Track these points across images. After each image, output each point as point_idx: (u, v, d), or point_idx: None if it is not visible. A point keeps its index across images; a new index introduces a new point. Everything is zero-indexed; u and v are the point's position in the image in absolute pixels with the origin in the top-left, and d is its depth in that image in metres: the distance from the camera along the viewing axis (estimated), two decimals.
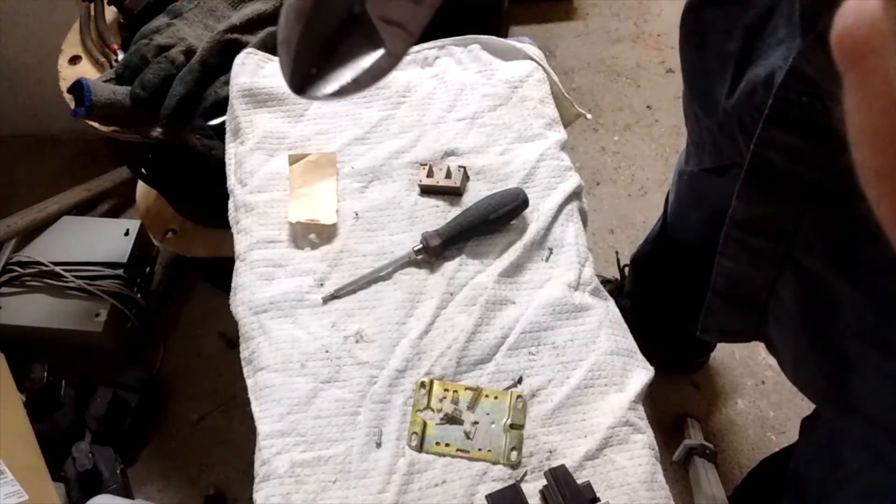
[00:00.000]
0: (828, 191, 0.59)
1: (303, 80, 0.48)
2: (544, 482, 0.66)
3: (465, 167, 0.86)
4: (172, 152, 1.09)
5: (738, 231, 0.70)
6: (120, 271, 1.47)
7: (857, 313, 0.62)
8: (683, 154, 1.02)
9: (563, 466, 0.66)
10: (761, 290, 0.72)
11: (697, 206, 1.03)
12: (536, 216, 0.83)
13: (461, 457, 0.69)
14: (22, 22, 1.58)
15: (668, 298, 1.29)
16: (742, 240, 0.70)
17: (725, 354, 1.52)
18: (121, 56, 1.09)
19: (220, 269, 1.11)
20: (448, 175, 0.85)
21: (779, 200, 0.64)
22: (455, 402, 0.71)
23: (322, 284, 0.79)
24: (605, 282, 1.48)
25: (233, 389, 1.47)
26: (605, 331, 0.76)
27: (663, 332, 1.36)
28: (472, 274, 0.80)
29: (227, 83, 0.97)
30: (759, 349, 1.48)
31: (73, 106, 0.99)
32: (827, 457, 0.82)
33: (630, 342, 0.78)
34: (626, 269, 1.43)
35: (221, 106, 0.98)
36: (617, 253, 1.53)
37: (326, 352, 0.74)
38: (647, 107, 1.92)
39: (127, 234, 1.52)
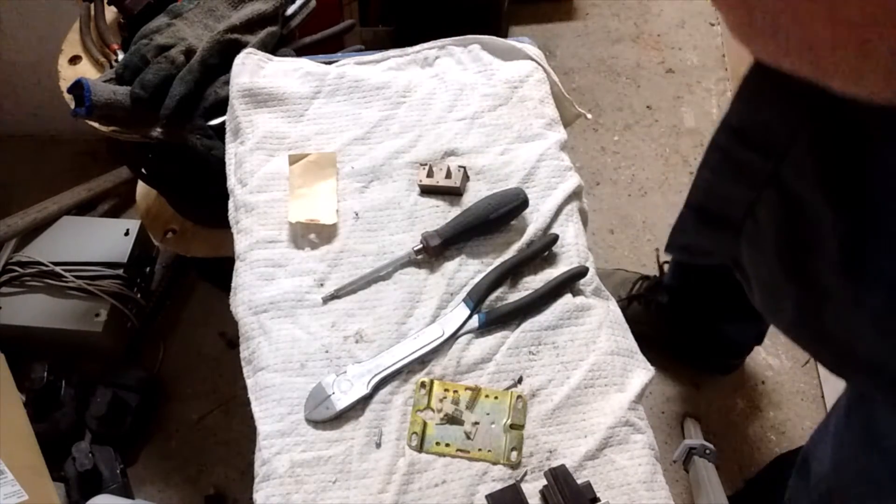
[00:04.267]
0: (830, 106, 0.57)
1: None
2: (544, 482, 0.66)
3: (465, 167, 0.86)
4: (172, 152, 1.09)
5: (729, 139, 0.67)
6: (120, 271, 1.47)
7: (839, 243, 0.60)
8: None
9: (563, 466, 0.66)
10: (738, 209, 0.69)
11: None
12: (536, 216, 0.83)
13: (461, 457, 0.69)
14: (22, 22, 1.57)
15: (709, 292, 1.27)
16: (730, 150, 0.68)
17: None
18: (121, 56, 1.08)
19: (220, 269, 1.11)
20: (448, 175, 0.85)
21: (780, 105, 0.61)
22: (455, 402, 0.71)
23: (322, 284, 0.79)
24: (645, 279, 1.48)
25: (233, 389, 1.47)
26: (605, 331, 0.76)
27: (700, 329, 1.37)
28: (472, 274, 0.80)
29: (227, 83, 0.97)
30: (759, 350, 1.48)
31: (73, 106, 0.99)
32: (829, 437, 0.82)
33: (630, 342, 0.78)
34: (665, 266, 1.43)
35: (221, 106, 0.98)
36: (657, 250, 1.51)
37: (326, 352, 0.74)
38: (647, 107, 1.92)
39: (127, 234, 1.52)
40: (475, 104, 0.93)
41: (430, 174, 0.85)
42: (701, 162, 0.72)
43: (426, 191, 0.86)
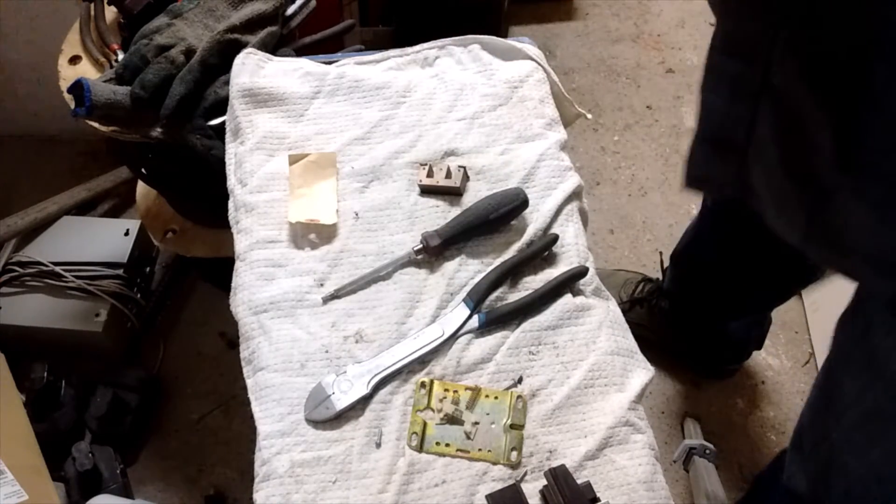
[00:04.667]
0: (798, 7, 0.60)
1: None
2: (544, 482, 0.66)
3: (465, 167, 0.86)
4: (172, 152, 1.09)
5: (718, 55, 0.72)
6: (120, 271, 1.47)
7: (833, 139, 0.62)
8: None
9: (563, 466, 0.66)
10: (742, 129, 0.73)
11: None
12: (536, 216, 0.83)
13: (461, 457, 0.69)
14: (22, 22, 1.58)
15: (706, 292, 1.29)
16: (722, 66, 0.73)
17: None
18: (121, 56, 1.08)
19: (220, 269, 1.11)
20: (448, 175, 0.85)
21: (753, 11, 0.66)
22: (455, 402, 0.71)
23: (322, 284, 0.79)
24: (648, 281, 1.48)
25: (233, 389, 1.47)
26: (605, 331, 0.76)
27: (700, 333, 1.38)
28: (472, 274, 0.80)
29: (227, 83, 0.97)
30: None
31: (73, 106, 0.99)
32: (822, 397, 0.82)
33: (630, 342, 0.78)
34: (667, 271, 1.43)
35: (221, 106, 0.98)
36: (661, 254, 1.52)
37: (326, 352, 0.74)
38: (647, 107, 1.92)
39: (127, 234, 1.52)
40: (475, 104, 0.93)
41: (430, 174, 0.85)
42: (700, 87, 0.76)
43: (426, 191, 0.86)
